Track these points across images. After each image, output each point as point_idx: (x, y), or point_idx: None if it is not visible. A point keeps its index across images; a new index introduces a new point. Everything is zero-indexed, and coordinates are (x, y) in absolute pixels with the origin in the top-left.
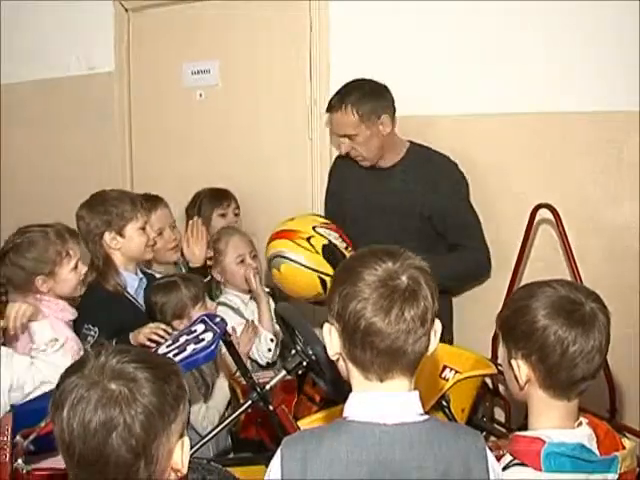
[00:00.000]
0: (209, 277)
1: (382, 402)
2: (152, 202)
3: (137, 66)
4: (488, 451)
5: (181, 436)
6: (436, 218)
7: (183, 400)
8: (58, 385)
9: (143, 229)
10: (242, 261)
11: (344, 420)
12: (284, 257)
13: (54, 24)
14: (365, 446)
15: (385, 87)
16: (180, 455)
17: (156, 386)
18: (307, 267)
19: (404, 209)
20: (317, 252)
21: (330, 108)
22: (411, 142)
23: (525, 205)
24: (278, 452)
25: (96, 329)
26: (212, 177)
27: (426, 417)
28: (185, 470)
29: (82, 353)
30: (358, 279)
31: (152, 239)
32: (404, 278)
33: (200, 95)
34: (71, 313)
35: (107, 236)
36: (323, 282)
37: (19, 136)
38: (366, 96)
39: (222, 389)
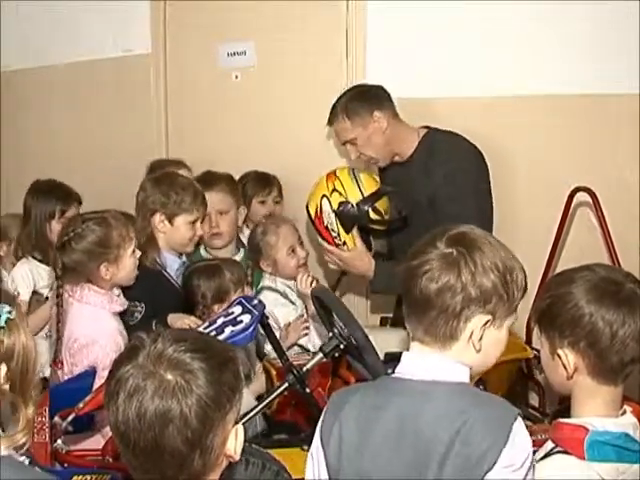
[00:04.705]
0: None
1: (413, 359)
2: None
3: (173, 48)
4: (518, 428)
5: (235, 423)
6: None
7: (239, 389)
8: (112, 373)
9: (193, 224)
10: (293, 251)
11: (386, 376)
12: None
13: (90, 6)
14: (390, 394)
15: (376, 86)
16: (234, 443)
17: (213, 377)
18: None
19: (416, 204)
20: None
21: (328, 121)
22: (428, 128)
23: (562, 188)
24: None
25: (142, 305)
26: (247, 159)
27: (460, 382)
28: (238, 457)
29: (122, 344)
30: (425, 246)
31: (198, 235)
32: (452, 250)
33: (236, 77)
34: (120, 304)
35: (157, 217)
36: None
37: (55, 119)
38: (352, 99)
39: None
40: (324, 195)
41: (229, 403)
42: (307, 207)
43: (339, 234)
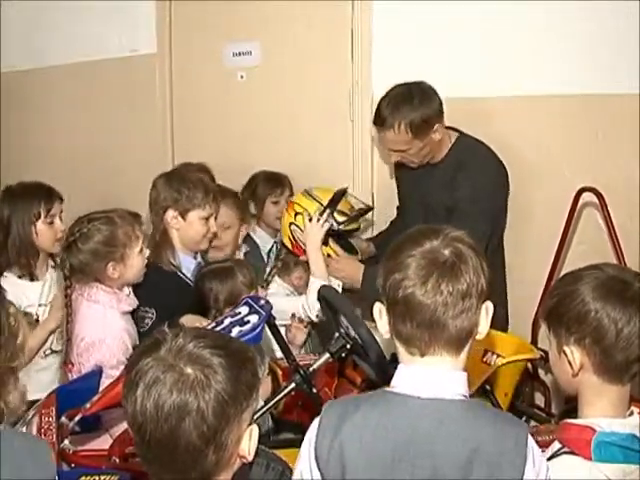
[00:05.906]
0: None
1: (419, 376)
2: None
3: (179, 47)
4: (531, 442)
5: (250, 423)
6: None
7: (256, 388)
8: (132, 364)
9: (206, 220)
10: None
11: (384, 390)
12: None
13: (95, 6)
14: (394, 415)
15: (431, 89)
16: (248, 443)
17: (231, 373)
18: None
19: (435, 209)
20: None
21: (379, 124)
22: (460, 133)
23: (569, 188)
24: (321, 413)
25: (153, 311)
26: (252, 159)
27: (466, 398)
28: (251, 458)
29: (129, 343)
30: (402, 253)
31: (212, 232)
32: (446, 252)
33: (241, 77)
34: (129, 304)
35: (170, 213)
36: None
37: (60, 119)
38: (417, 109)
39: None
40: (291, 223)
41: (246, 401)
42: (282, 242)
43: None
